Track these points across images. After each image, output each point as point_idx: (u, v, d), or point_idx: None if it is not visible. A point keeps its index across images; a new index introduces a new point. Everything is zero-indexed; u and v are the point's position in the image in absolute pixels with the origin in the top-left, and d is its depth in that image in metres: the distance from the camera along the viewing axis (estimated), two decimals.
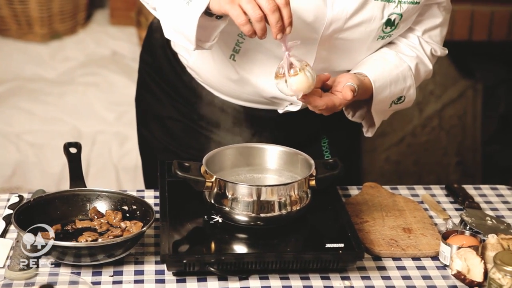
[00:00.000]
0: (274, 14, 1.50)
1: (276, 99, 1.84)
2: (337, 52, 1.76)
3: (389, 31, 1.76)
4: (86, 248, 1.54)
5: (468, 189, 1.94)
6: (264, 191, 1.60)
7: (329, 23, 1.70)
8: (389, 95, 1.81)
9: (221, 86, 1.87)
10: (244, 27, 1.52)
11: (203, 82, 1.91)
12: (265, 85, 1.81)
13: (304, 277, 1.56)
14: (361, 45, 1.76)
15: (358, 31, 1.73)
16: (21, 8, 3.84)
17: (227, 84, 1.85)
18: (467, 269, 1.55)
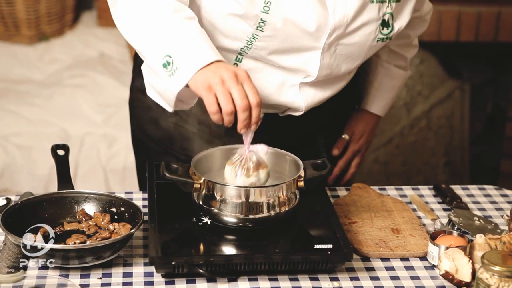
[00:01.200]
0: (244, 113, 1.54)
1: (277, 106, 1.84)
2: (340, 58, 1.77)
3: (386, 33, 1.78)
4: (74, 251, 1.54)
5: (456, 190, 1.94)
6: (253, 193, 1.60)
7: (332, 30, 1.71)
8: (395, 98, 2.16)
9: None
10: (214, 115, 1.55)
11: None
12: (267, 93, 1.80)
13: (293, 278, 1.56)
14: (361, 48, 1.78)
15: (358, 35, 1.74)
16: (8, 10, 3.83)
17: None
18: (455, 269, 1.56)
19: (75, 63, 3.79)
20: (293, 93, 1.81)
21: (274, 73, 1.78)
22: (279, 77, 1.79)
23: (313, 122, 1.93)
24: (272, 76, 1.79)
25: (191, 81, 1.56)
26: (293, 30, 1.70)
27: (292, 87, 1.80)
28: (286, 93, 1.81)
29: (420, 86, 3.85)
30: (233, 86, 1.54)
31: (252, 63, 1.77)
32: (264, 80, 1.79)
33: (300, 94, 1.80)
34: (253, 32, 1.71)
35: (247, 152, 1.64)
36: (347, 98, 2.03)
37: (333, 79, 1.83)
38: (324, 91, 1.84)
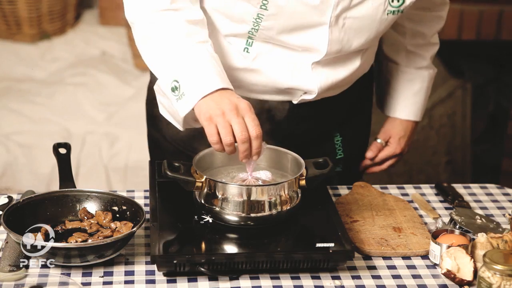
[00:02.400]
0: (243, 145, 1.58)
1: (291, 89, 1.83)
2: (349, 32, 1.76)
3: (397, 5, 1.77)
4: (76, 249, 1.54)
5: (457, 188, 1.94)
6: (254, 191, 1.60)
7: (336, 2, 1.70)
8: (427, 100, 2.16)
9: (235, 78, 1.84)
10: (215, 145, 1.59)
11: None
12: (279, 76, 1.81)
13: (295, 276, 1.56)
14: (372, 22, 1.77)
15: (365, 7, 1.74)
16: (9, 9, 3.83)
17: (242, 76, 1.84)
18: (457, 268, 1.56)
19: (77, 61, 3.79)
20: (305, 74, 1.80)
21: (285, 55, 1.78)
22: (290, 58, 1.79)
23: (329, 118, 1.94)
24: (284, 58, 1.79)
25: (196, 108, 1.61)
26: (297, 5, 1.69)
27: (304, 68, 1.79)
28: (299, 75, 1.80)
29: None
30: (233, 118, 1.57)
31: (262, 46, 1.78)
32: (276, 62, 1.79)
33: (312, 74, 1.80)
34: (257, 12, 1.71)
35: (250, 178, 1.66)
36: (364, 96, 2.04)
37: (345, 58, 1.82)
38: (336, 71, 1.83)
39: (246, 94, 1.87)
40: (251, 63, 1.81)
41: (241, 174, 1.70)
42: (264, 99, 1.87)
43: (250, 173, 1.67)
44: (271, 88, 1.84)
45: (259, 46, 1.79)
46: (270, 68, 1.81)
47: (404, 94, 2.10)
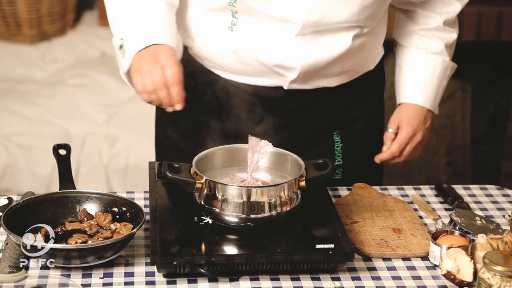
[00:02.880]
0: (160, 91, 1.64)
1: (278, 67, 1.82)
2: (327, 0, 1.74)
3: None
4: (76, 250, 1.54)
5: (457, 189, 1.94)
6: (254, 192, 1.60)
7: None
8: (442, 92, 2.04)
9: (223, 60, 1.86)
10: (140, 94, 1.66)
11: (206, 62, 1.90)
12: (266, 52, 1.81)
13: (295, 278, 1.56)
14: None
15: None
16: (9, 10, 3.83)
17: (229, 58, 1.85)
18: (457, 269, 1.56)
19: (77, 62, 3.79)
20: (288, 50, 1.80)
21: (269, 28, 1.78)
22: (273, 32, 1.78)
23: (326, 114, 1.92)
24: (268, 32, 1.78)
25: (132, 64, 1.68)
26: None
27: (287, 43, 1.79)
28: (282, 50, 1.80)
29: None
30: (154, 67, 1.64)
31: (247, 21, 1.79)
32: (260, 38, 1.79)
33: (295, 49, 1.79)
34: None
35: (249, 178, 1.67)
36: (369, 98, 2.01)
37: (331, 35, 1.80)
38: (321, 49, 1.81)
39: (235, 78, 1.88)
40: (236, 42, 1.82)
41: (241, 174, 1.70)
42: (254, 84, 1.87)
43: (250, 174, 1.67)
44: (258, 68, 1.84)
45: (244, 21, 1.79)
46: (254, 45, 1.81)
47: (413, 77, 1.99)
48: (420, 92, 1.99)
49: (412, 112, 1.98)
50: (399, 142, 1.96)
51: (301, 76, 1.83)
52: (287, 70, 1.83)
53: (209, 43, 1.87)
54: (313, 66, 1.82)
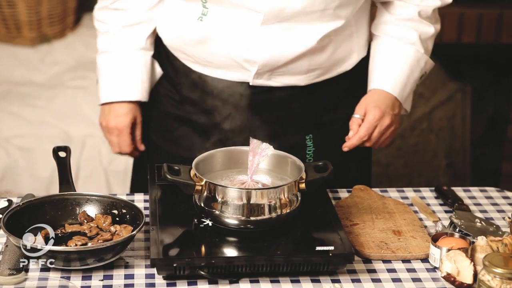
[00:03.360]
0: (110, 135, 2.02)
1: (243, 59, 1.83)
2: None
3: None
4: (75, 252, 1.54)
5: (457, 191, 1.94)
6: (254, 194, 1.60)
7: None
8: (412, 84, 1.95)
9: (194, 51, 1.89)
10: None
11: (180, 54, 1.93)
12: (232, 43, 1.82)
13: (295, 280, 1.56)
14: None
15: None
16: (9, 12, 3.83)
17: (199, 47, 1.87)
18: (457, 271, 1.56)
19: (77, 65, 3.79)
20: (253, 41, 1.81)
21: (236, 18, 1.80)
22: (241, 22, 1.80)
23: (299, 117, 1.92)
24: (236, 22, 1.80)
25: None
26: None
27: (253, 34, 1.80)
28: (247, 41, 1.81)
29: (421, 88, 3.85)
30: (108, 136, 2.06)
31: (216, 10, 1.81)
32: (229, 27, 1.81)
33: (259, 42, 1.80)
34: None
35: (249, 181, 1.67)
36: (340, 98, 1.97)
37: (298, 29, 1.80)
38: (285, 43, 1.81)
39: (205, 71, 1.91)
40: (205, 32, 1.84)
41: (241, 177, 1.70)
42: (222, 78, 1.89)
43: (250, 176, 1.67)
44: (226, 60, 1.85)
45: (214, 11, 1.82)
46: (222, 35, 1.83)
47: (382, 64, 1.93)
48: (389, 79, 1.92)
49: (379, 97, 1.91)
50: (366, 125, 1.88)
51: (263, 70, 1.84)
52: (250, 63, 1.84)
53: (181, 33, 1.90)
54: (275, 60, 1.82)
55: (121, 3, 1.96)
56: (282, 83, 1.88)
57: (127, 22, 1.97)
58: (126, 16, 1.97)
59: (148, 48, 2.01)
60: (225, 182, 1.69)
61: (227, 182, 1.69)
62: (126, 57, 1.99)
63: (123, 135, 2.01)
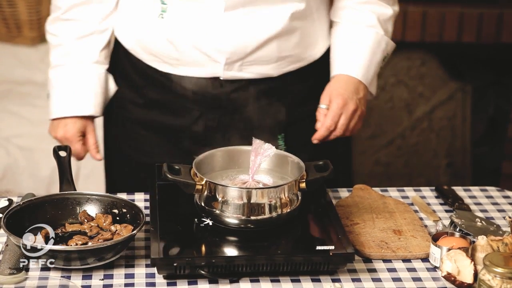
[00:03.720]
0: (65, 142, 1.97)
1: (212, 50, 1.82)
2: None
3: None
4: (76, 252, 1.54)
5: (458, 191, 1.94)
6: (255, 194, 1.60)
7: None
8: (375, 66, 1.93)
9: (160, 51, 1.87)
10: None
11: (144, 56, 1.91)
12: (198, 35, 1.81)
13: (295, 279, 1.56)
14: None
15: None
16: (10, 12, 3.83)
17: (165, 46, 1.85)
18: (457, 270, 1.56)
19: None
20: (219, 30, 1.80)
21: (198, 9, 1.79)
22: (203, 12, 1.79)
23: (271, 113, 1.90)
24: (198, 13, 1.79)
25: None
26: None
27: (217, 22, 1.79)
28: (213, 31, 1.80)
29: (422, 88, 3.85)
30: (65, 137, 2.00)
31: (176, 5, 1.81)
32: (192, 20, 1.80)
33: (225, 29, 1.80)
34: None
35: (251, 180, 1.67)
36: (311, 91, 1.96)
37: (264, 13, 1.79)
38: (251, 29, 1.80)
39: (173, 71, 1.88)
40: (169, 29, 1.82)
41: (241, 176, 1.70)
42: (192, 76, 1.87)
43: (251, 176, 1.67)
44: (194, 55, 1.84)
45: (173, 9, 1.80)
46: (187, 29, 1.81)
47: (343, 49, 1.92)
48: (350, 62, 1.90)
49: (341, 83, 1.89)
50: (331, 114, 1.85)
51: (233, 59, 1.83)
52: (218, 53, 1.82)
53: (143, 34, 1.88)
54: (243, 46, 1.82)
55: (73, 13, 1.92)
56: (254, 73, 1.87)
57: (79, 34, 1.94)
58: (79, 27, 1.93)
59: (102, 62, 1.98)
60: (226, 181, 1.69)
61: (228, 181, 1.69)
62: (79, 72, 1.95)
63: (73, 143, 1.97)
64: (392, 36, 2.00)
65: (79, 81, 1.95)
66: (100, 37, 1.95)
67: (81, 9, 1.92)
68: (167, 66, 1.90)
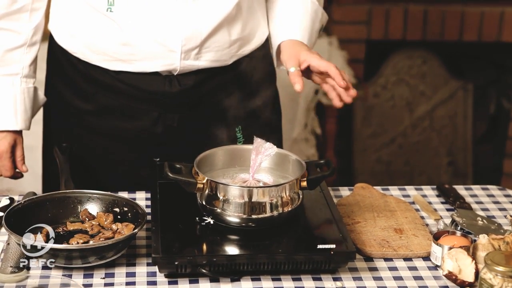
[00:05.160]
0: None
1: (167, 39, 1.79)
2: None
3: None
4: (77, 250, 1.54)
5: (459, 190, 1.94)
6: (256, 192, 1.60)
7: None
8: (315, 35, 1.94)
9: (111, 49, 1.84)
10: None
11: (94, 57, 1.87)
12: (150, 25, 1.78)
13: (296, 278, 1.56)
14: None
15: None
16: None
17: (116, 43, 1.82)
18: (458, 269, 1.56)
19: None
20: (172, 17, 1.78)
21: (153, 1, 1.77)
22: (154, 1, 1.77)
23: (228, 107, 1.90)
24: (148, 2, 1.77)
25: None
26: None
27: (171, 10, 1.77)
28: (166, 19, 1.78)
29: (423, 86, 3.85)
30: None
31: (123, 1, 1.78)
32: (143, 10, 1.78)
33: (179, 17, 1.78)
34: None
35: (251, 179, 1.67)
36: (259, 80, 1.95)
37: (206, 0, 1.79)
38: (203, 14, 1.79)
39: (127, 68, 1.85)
40: (119, 23, 1.79)
41: (242, 175, 1.70)
42: (146, 71, 1.84)
43: (252, 175, 1.67)
44: (148, 48, 1.81)
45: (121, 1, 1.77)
46: (137, 20, 1.78)
47: (287, 17, 1.91)
48: (298, 29, 1.88)
49: (296, 46, 1.84)
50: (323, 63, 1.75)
51: (188, 47, 1.80)
52: (174, 40, 1.80)
53: (93, 33, 1.84)
54: (197, 32, 1.80)
55: (5, 22, 1.87)
56: (210, 60, 1.85)
57: (11, 45, 1.89)
58: (11, 38, 1.89)
59: (31, 76, 1.96)
60: (227, 180, 1.69)
61: (229, 180, 1.69)
62: (8, 86, 1.92)
63: (3, 159, 1.96)
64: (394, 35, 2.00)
65: (7, 96, 1.92)
66: (30, 51, 1.93)
67: (14, 18, 1.88)
68: (120, 63, 1.85)
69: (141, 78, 1.86)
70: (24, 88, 1.95)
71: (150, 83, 1.86)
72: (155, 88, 1.87)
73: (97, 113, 1.92)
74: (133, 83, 1.87)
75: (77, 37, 1.87)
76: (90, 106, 1.92)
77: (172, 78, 1.86)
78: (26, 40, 1.91)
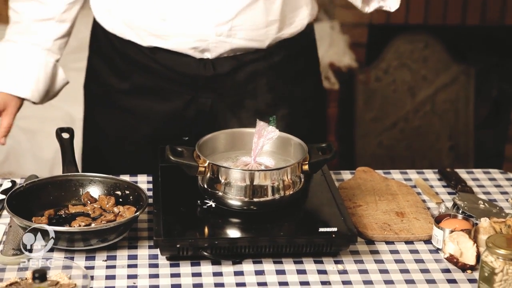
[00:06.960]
0: None
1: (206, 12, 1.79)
2: None
3: None
4: (79, 233, 1.54)
5: (460, 173, 1.94)
6: (257, 176, 1.60)
7: None
8: None
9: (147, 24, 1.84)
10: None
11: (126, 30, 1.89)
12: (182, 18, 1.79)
13: (297, 261, 1.57)
14: None
15: None
16: None
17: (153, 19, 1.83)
18: (460, 252, 1.56)
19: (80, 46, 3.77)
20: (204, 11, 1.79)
21: None
22: None
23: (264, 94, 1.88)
24: None
25: None
26: None
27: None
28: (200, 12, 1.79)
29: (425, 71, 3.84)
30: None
31: None
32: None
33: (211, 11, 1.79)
34: None
35: (253, 163, 1.66)
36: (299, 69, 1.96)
37: None
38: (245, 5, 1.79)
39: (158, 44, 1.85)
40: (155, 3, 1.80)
41: (244, 158, 1.70)
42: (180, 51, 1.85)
43: (254, 158, 1.67)
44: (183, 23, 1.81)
45: None
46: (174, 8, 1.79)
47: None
48: None
49: None
50: None
51: (222, 19, 1.79)
52: (207, 13, 1.79)
53: (128, 8, 1.85)
54: (231, 3, 1.79)
55: None
56: (244, 39, 1.83)
57: (39, 16, 1.91)
58: (40, 9, 1.91)
59: (54, 51, 1.98)
60: (228, 163, 1.69)
61: (230, 163, 1.69)
62: (28, 53, 1.93)
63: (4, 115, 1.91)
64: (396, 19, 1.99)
65: (24, 61, 1.92)
66: (58, 26, 1.94)
67: None
68: (154, 39, 1.86)
69: (176, 59, 1.87)
70: (41, 59, 1.95)
71: (185, 65, 1.87)
72: (190, 70, 1.87)
73: (131, 92, 1.94)
74: (168, 64, 1.88)
75: (114, 13, 1.90)
76: (126, 85, 1.94)
77: (207, 62, 1.86)
78: (55, 15, 1.93)
